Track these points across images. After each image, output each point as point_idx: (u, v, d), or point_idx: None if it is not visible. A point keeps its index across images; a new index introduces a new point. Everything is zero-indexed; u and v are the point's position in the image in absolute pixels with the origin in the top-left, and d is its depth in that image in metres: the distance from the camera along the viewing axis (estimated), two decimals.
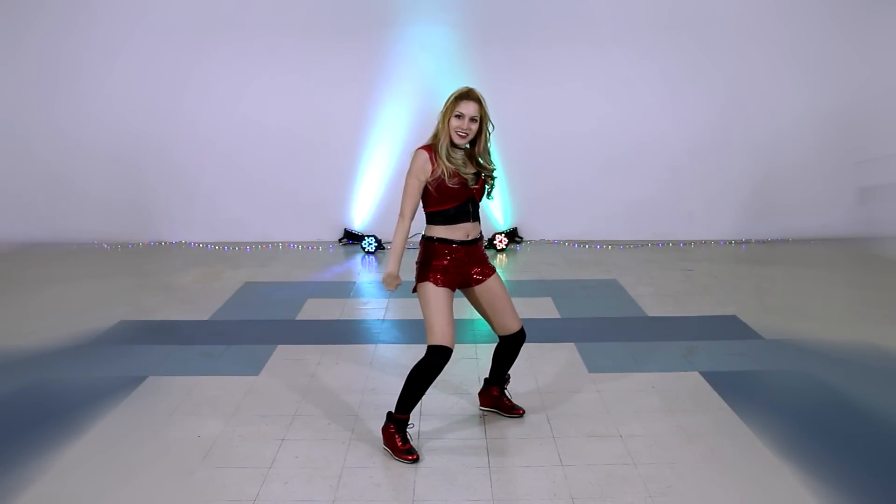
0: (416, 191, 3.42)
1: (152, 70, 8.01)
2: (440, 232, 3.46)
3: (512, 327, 3.63)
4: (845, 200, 8.05)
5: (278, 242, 8.38)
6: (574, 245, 8.26)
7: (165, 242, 8.43)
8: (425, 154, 3.41)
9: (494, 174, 3.55)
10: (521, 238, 8.35)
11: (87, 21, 7.89)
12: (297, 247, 8.31)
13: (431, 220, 3.49)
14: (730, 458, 3.39)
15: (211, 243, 8.35)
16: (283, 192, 8.31)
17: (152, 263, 7.53)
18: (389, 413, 3.50)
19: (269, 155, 8.23)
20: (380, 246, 8.06)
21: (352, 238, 8.35)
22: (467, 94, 3.41)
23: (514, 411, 3.84)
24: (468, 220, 3.47)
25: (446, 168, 3.37)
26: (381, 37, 7.97)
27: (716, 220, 8.29)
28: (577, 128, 8.13)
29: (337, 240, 8.43)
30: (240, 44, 7.99)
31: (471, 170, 3.45)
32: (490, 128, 3.49)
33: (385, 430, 3.49)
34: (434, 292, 3.42)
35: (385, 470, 3.33)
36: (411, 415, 3.49)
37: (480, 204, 3.56)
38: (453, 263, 3.46)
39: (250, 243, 8.35)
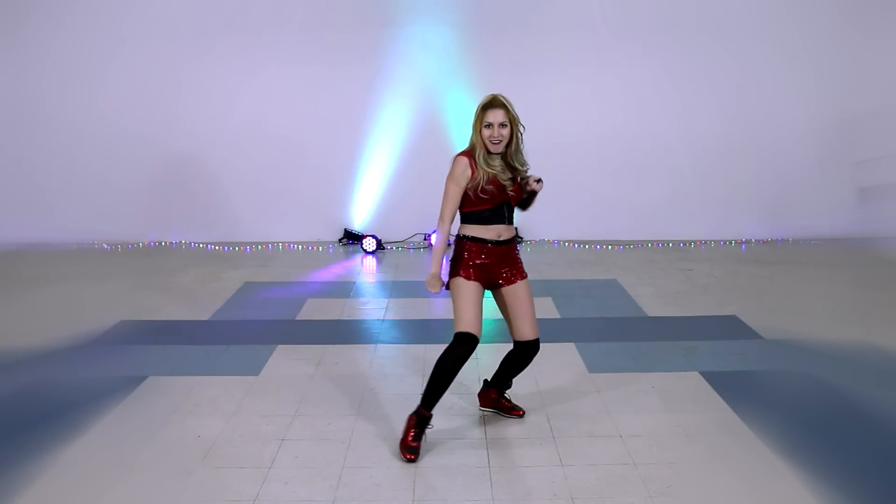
0: (456, 196, 3.51)
1: (152, 69, 8.00)
2: (473, 231, 3.54)
3: (527, 335, 3.62)
4: (846, 200, 8.05)
5: (278, 242, 8.38)
6: (574, 245, 8.26)
7: (165, 242, 8.43)
8: (465, 160, 3.49)
9: (528, 173, 3.58)
10: (521, 238, 8.34)
11: (87, 21, 7.89)
12: (297, 247, 8.31)
13: (466, 219, 3.57)
14: (730, 458, 3.39)
15: (211, 243, 8.35)
16: (283, 192, 8.30)
17: (152, 263, 7.53)
18: (418, 406, 3.51)
19: (269, 155, 8.23)
20: (380, 246, 8.06)
21: (352, 238, 8.35)
22: (492, 103, 3.47)
23: (514, 412, 3.84)
24: (502, 223, 3.55)
25: (485, 173, 3.45)
26: (381, 36, 7.97)
27: (716, 220, 8.28)
28: (578, 128, 8.12)
29: (337, 240, 8.42)
30: (239, 43, 7.99)
31: (508, 175, 3.50)
32: (521, 129, 3.52)
33: (408, 418, 3.50)
34: (464, 285, 3.50)
35: (385, 470, 3.33)
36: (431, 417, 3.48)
37: (515, 208, 3.63)
38: (484, 261, 3.52)
39: (250, 243, 8.35)
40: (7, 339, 5.04)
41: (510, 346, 3.73)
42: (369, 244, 8.03)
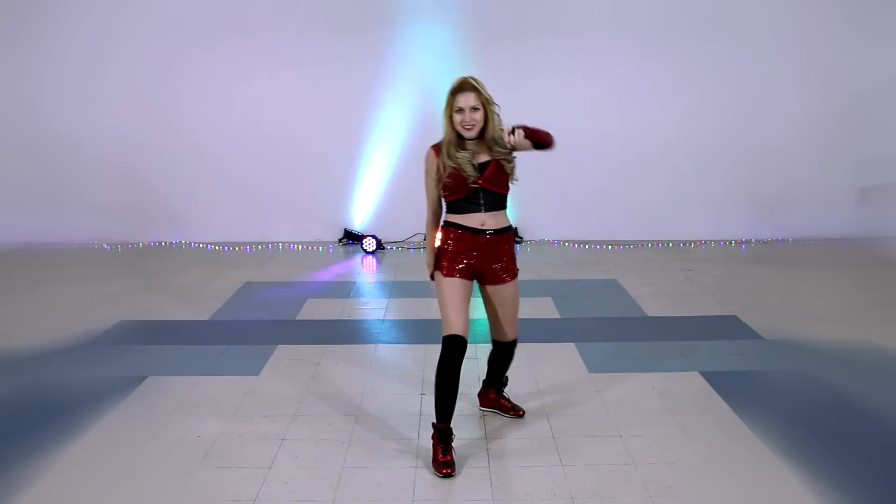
0: (431, 188, 3.48)
1: (152, 70, 8.01)
2: (454, 218, 3.46)
3: (505, 336, 3.60)
4: (845, 200, 8.05)
5: (278, 242, 8.38)
6: (574, 245, 8.26)
7: (165, 242, 8.43)
8: (431, 152, 3.44)
9: (511, 156, 3.44)
10: (521, 238, 8.35)
11: (87, 22, 7.89)
12: (297, 247, 8.31)
13: (447, 208, 3.50)
14: (730, 458, 3.39)
15: (211, 243, 8.35)
16: (283, 192, 8.30)
17: (152, 263, 7.53)
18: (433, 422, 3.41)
19: (269, 155, 8.23)
20: (379, 246, 8.06)
21: (352, 238, 8.35)
22: (461, 86, 3.33)
23: (514, 412, 3.83)
24: (479, 211, 3.41)
25: (447, 164, 3.37)
26: (381, 36, 7.97)
27: (716, 220, 8.28)
28: (578, 128, 8.08)
29: (337, 240, 8.43)
30: (239, 43, 7.99)
31: (482, 159, 3.37)
32: (497, 109, 3.39)
33: (431, 437, 3.40)
34: (444, 283, 3.41)
35: (385, 470, 3.33)
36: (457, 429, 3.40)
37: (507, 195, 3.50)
38: (469, 252, 3.42)
39: (250, 243, 8.35)
40: (7, 339, 5.03)
41: None
42: (369, 244, 8.03)
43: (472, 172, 3.36)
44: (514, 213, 8.99)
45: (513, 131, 3.32)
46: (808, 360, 4.56)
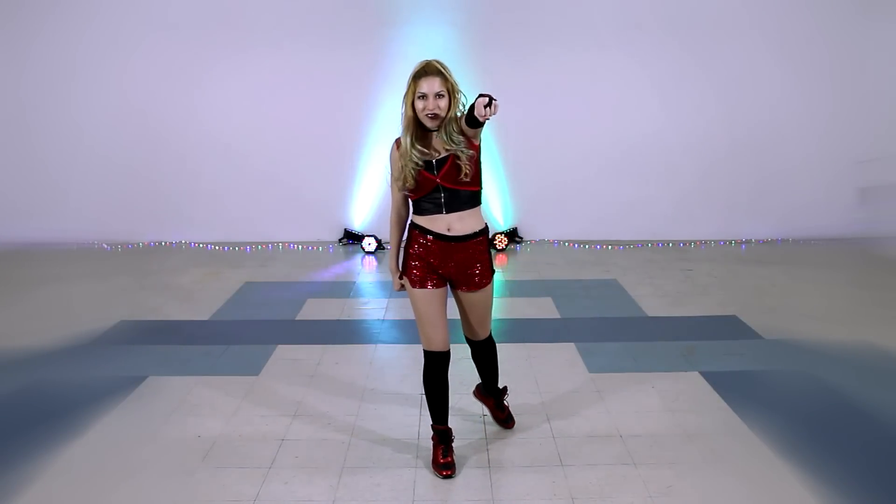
0: (393, 185, 3.21)
1: (152, 70, 8.00)
2: (419, 220, 3.20)
3: (477, 336, 3.43)
4: (845, 200, 8.04)
5: (278, 242, 8.38)
6: (574, 245, 8.25)
7: (165, 242, 8.42)
8: (393, 146, 3.17)
9: (466, 150, 3.05)
10: (521, 238, 8.34)
11: (87, 21, 7.89)
12: (297, 247, 8.31)
13: (413, 208, 3.24)
14: (730, 458, 3.39)
15: (211, 243, 8.35)
16: (283, 192, 8.30)
17: (152, 263, 7.52)
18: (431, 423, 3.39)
19: (269, 155, 8.22)
20: (380, 246, 8.06)
21: (352, 238, 8.35)
22: (424, 70, 3.02)
23: (504, 424, 3.72)
24: (441, 212, 3.12)
25: (404, 160, 3.08)
26: (381, 36, 7.96)
27: (716, 220, 8.28)
28: (578, 128, 8.12)
29: (337, 240, 8.43)
30: (239, 43, 7.98)
31: (440, 155, 3.06)
32: (462, 98, 3.06)
33: (431, 438, 3.39)
34: (417, 297, 3.21)
35: (385, 470, 3.33)
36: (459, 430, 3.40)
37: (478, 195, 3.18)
38: (429, 255, 3.17)
39: (250, 243, 8.35)
40: (7, 339, 5.04)
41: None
42: (369, 244, 8.03)
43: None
44: (513, 213, 9.02)
45: (489, 103, 2.75)
46: (808, 360, 4.56)
